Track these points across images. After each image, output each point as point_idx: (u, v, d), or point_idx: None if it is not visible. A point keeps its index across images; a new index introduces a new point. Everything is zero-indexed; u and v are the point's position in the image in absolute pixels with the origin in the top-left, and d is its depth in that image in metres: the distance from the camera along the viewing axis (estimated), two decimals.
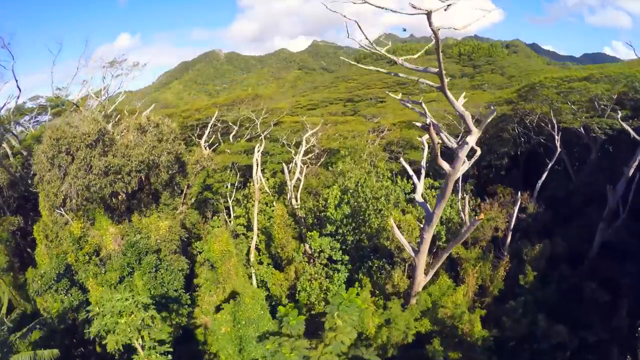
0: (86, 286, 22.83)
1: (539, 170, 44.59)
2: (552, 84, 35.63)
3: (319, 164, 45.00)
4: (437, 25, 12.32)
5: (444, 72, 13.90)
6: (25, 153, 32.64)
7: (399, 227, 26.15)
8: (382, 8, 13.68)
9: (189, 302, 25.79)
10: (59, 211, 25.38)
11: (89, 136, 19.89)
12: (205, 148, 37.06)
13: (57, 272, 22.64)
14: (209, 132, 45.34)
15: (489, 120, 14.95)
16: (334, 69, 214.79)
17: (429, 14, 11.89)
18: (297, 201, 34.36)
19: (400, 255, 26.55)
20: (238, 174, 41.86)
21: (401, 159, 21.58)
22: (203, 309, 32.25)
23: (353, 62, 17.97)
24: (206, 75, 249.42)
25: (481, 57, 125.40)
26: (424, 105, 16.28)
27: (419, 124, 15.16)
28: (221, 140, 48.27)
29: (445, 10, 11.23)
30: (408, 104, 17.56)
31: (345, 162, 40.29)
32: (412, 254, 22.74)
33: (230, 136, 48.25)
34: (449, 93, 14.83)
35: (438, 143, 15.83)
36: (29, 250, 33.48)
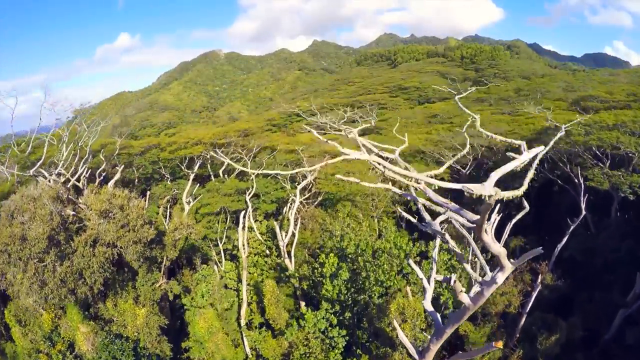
0: None
1: (550, 208, 41.70)
2: (580, 132, 31.74)
3: (316, 203, 42.39)
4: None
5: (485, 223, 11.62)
6: None
7: (402, 313, 23.69)
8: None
9: None
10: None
11: (38, 242, 17.29)
12: (189, 202, 34.45)
13: None
14: (199, 164, 42.96)
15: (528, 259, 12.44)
16: (335, 69, 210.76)
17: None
18: (291, 262, 31.81)
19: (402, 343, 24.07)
20: (229, 216, 39.38)
21: (410, 261, 18.90)
22: None
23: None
24: (206, 75, 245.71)
25: (484, 61, 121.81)
26: (451, 244, 13.61)
27: (438, 278, 12.52)
28: (211, 173, 45.66)
29: None
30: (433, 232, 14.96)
31: (344, 209, 37.73)
32: (417, 357, 20.19)
33: (220, 171, 45.62)
34: (485, 236, 12.53)
35: (460, 291, 13.33)
36: None
